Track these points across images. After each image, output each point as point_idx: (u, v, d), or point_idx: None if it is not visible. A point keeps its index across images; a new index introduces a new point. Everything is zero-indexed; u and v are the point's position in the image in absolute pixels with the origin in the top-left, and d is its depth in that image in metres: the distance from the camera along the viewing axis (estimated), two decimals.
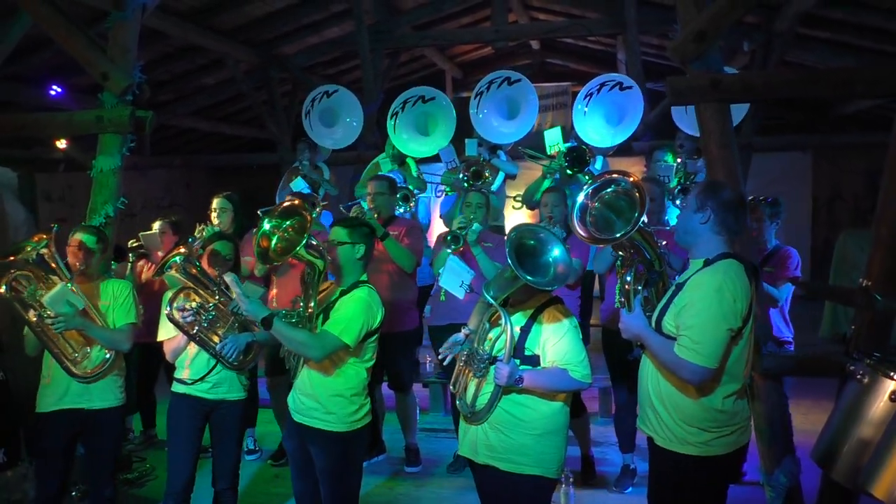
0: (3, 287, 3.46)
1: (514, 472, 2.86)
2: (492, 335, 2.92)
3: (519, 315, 2.92)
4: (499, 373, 2.78)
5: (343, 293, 3.18)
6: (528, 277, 2.71)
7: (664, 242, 3.01)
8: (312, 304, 3.20)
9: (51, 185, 10.55)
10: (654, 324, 2.73)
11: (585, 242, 2.98)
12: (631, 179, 2.86)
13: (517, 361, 2.83)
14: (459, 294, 4.44)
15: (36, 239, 3.50)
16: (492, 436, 2.90)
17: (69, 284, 3.46)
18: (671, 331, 2.63)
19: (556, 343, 2.84)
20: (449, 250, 4.51)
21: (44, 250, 3.47)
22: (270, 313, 3.03)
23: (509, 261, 2.71)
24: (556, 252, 2.82)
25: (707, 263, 2.65)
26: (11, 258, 3.47)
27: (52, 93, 7.37)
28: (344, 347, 3.06)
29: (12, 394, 4.20)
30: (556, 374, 2.83)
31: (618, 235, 2.79)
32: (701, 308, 2.53)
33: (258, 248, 3.21)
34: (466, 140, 6.01)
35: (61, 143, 8.88)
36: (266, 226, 3.23)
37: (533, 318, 2.89)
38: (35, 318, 3.45)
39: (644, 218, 2.77)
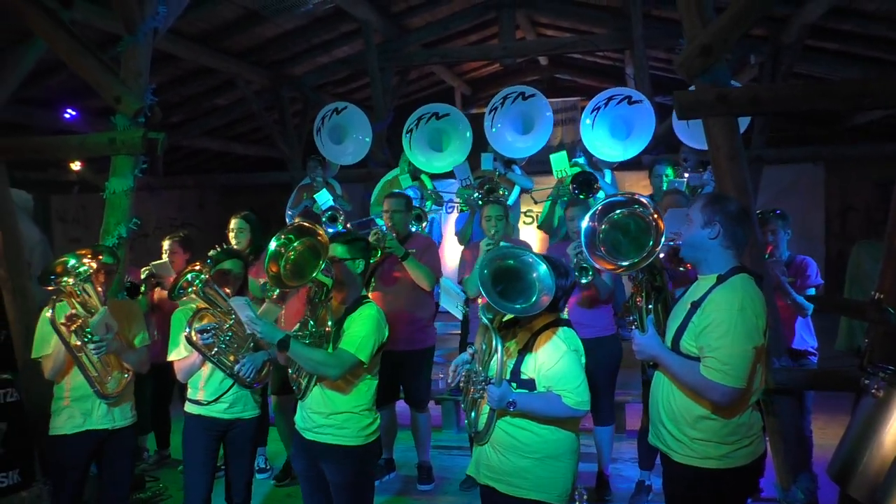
0: (51, 311, 3.42)
1: (512, 496, 2.81)
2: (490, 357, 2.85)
3: (519, 336, 2.87)
4: (490, 396, 2.74)
5: (348, 311, 3.18)
6: (508, 305, 2.65)
7: (661, 255, 2.92)
8: (330, 323, 3.16)
9: (65, 206, 10.68)
10: (670, 343, 2.69)
11: (608, 271, 2.88)
12: (643, 200, 2.73)
13: (514, 385, 2.78)
14: (458, 314, 4.44)
15: (83, 262, 3.42)
16: (493, 456, 2.86)
17: (106, 308, 3.43)
18: (692, 351, 2.59)
19: (551, 368, 2.76)
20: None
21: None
22: (286, 335, 3.02)
23: (482, 290, 2.63)
24: (542, 269, 2.70)
25: (720, 279, 2.62)
26: (62, 282, 3.38)
27: (66, 116, 7.49)
28: (359, 364, 3.08)
29: (27, 414, 4.23)
30: (549, 400, 2.75)
31: (636, 260, 2.66)
32: (726, 329, 2.48)
33: (270, 274, 3.12)
34: (482, 154, 6.05)
35: (75, 166, 9.01)
36: (273, 246, 3.12)
37: (531, 341, 2.83)
38: (78, 343, 3.39)
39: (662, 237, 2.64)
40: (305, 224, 3.23)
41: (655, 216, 2.65)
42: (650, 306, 2.83)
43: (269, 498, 4.90)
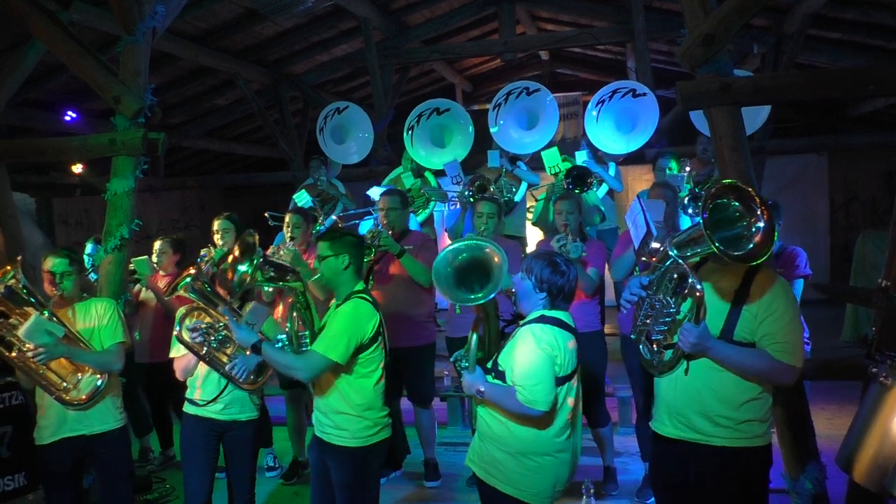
0: None
1: (488, 484, 2.88)
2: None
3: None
4: (463, 381, 2.89)
5: (338, 307, 3.17)
6: (471, 296, 2.87)
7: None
8: (297, 326, 3.28)
9: (67, 209, 10.71)
10: (719, 333, 2.62)
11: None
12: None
13: (491, 375, 2.87)
14: (458, 311, 4.47)
15: (0, 273, 3.35)
16: (477, 442, 2.98)
17: (45, 313, 3.30)
18: (746, 339, 2.61)
19: (516, 363, 2.79)
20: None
21: (11, 282, 3.31)
22: (258, 340, 3.07)
23: (437, 284, 2.93)
24: (501, 269, 2.84)
25: (751, 267, 2.61)
26: None
27: (67, 118, 7.50)
28: (333, 365, 3.02)
29: (31, 418, 4.23)
30: (506, 392, 2.79)
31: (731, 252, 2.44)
32: (792, 315, 2.60)
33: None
34: (489, 151, 6.03)
35: (77, 168, 9.03)
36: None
37: (514, 333, 2.91)
38: (15, 354, 3.28)
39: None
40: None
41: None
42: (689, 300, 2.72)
43: (276, 496, 4.90)
